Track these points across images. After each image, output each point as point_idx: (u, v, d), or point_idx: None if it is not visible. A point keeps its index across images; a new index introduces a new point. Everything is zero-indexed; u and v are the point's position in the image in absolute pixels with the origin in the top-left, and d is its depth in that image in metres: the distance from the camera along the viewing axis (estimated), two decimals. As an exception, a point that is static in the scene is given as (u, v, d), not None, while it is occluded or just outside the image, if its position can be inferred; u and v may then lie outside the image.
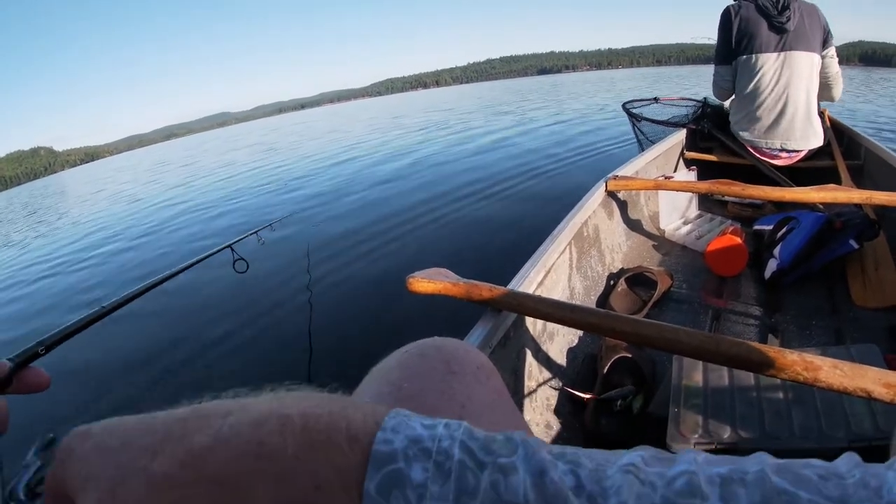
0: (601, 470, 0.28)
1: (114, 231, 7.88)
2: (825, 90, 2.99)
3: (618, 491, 0.26)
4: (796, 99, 2.82)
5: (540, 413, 1.34)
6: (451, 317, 1.70)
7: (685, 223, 2.63)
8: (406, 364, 0.59)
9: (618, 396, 1.37)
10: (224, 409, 0.30)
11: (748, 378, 1.22)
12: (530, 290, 1.43)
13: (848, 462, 0.27)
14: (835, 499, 0.24)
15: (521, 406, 1.27)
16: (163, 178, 16.87)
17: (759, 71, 2.84)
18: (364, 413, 0.30)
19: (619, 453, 0.29)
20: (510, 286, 1.38)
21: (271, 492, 0.27)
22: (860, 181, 2.84)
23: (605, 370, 1.45)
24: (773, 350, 0.94)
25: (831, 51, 2.90)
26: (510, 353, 1.28)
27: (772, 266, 2.04)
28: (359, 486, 0.27)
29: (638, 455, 0.29)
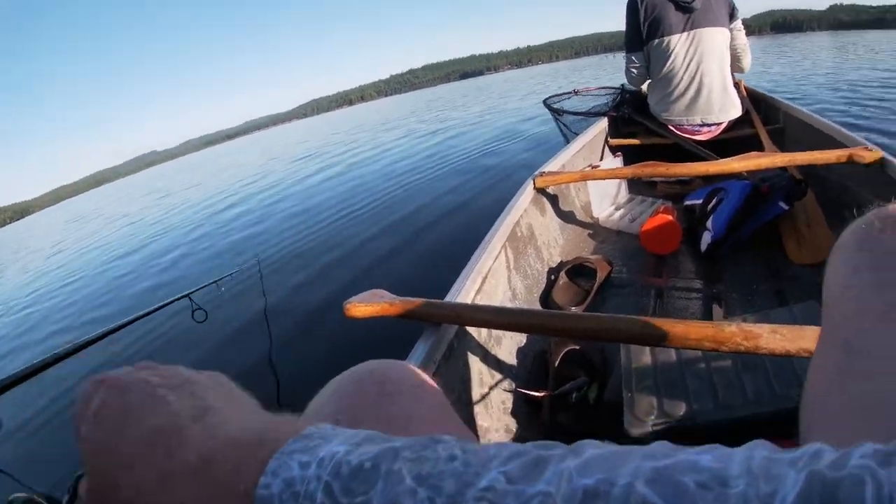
0: (460, 494, 0.26)
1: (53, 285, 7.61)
2: (734, 62, 3.07)
3: None
4: (710, 74, 2.89)
5: (497, 418, 1.32)
6: (394, 337, 1.67)
7: (617, 208, 2.66)
8: (341, 393, 0.58)
9: (572, 389, 1.36)
10: (189, 448, 0.34)
11: (696, 353, 1.22)
12: (469, 299, 1.43)
13: (746, 457, 0.24)
14: None
15: (475, 414, 1.25)
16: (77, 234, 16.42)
17: (671, 53, 2.90)
18: (258, 455, 0.31)
19: (498, 457, 0.28)
20: (448, 297, 1.38)
21: None
22: (782, 144, 2.92)
23: (556, 365, 1.44)
24: (710, 326, 0.94)
25: (738, 23, 2.98)
26: (457, 364, 1.26)
27: (706, 238, 2.07)
28: None
29: (502, 472, 0.26)
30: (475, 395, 1.29)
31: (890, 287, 0.39)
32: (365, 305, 1.22)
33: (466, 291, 1.42)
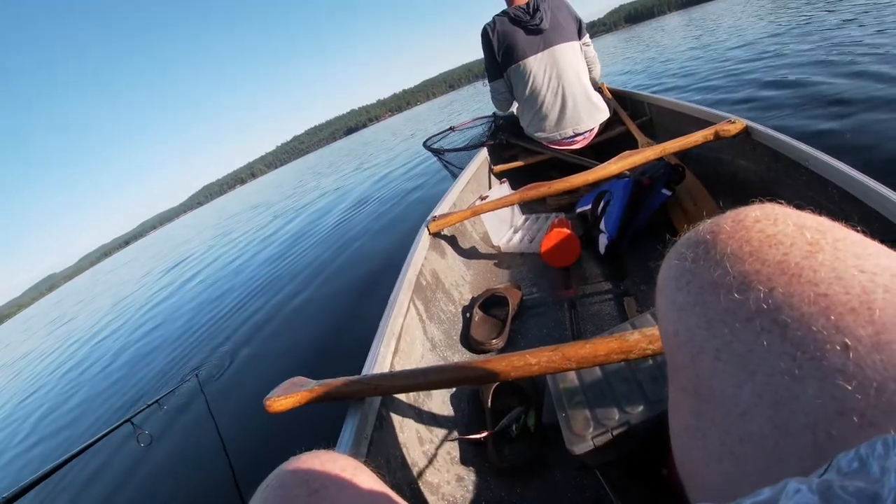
0: None
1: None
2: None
3: None
4: (571, 86, 3.00)
5: (445, 470, 1.31)
6: (324, 419, 1.63)
7: (515, 231, 2.71)
8: (269, 500, 0.56)
9: (510, 422, 1.36)
10: None
11: None
12: (387, 363, 1.42)
13: None
14: None
15: (423, 473, 1.24)
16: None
17: (530, 75, 3.01)
18: None
19: None
20: (367, 367, 1.37)
21: None
22: (654, 134, 3.07)
23: (490, 403, 1.44)
24: (615, 339, 0.98)
25: (586, 38, 3.14)
26: (391, 431, 1.25)
27: (603, 241, 2.14)
28: None
29: None
30: (417, 454, 1.28)
31: (716, 324, 0.39)
32: (285, 398, 1.19)
33: (383, 357, 1.42)
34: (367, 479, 0.62)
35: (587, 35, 3.15)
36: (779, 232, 0.40)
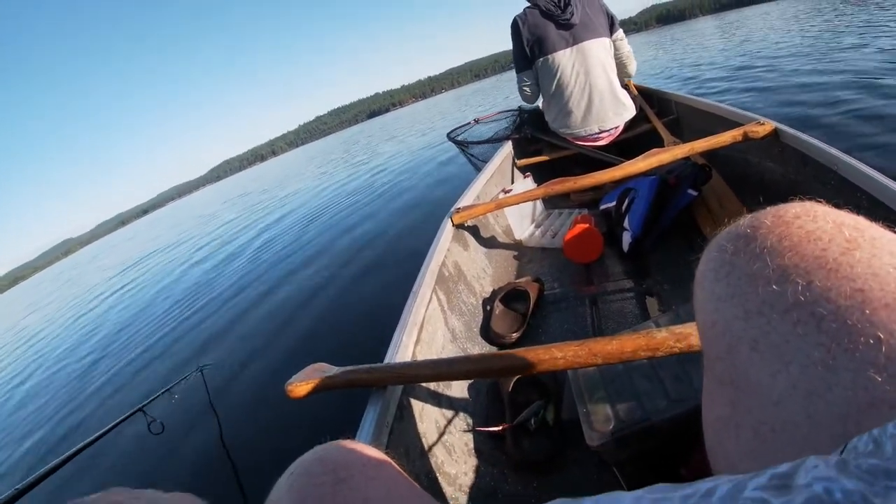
0: None
1: None
2: (622, 69, 3.22)
3: None
4: (598, 83, 2.99)
5: (463, 462, 1.31)
6: (345, 407, 1.63)
7: (537, 226, 2.71)
8: (294, 488, 0.57)
9: (529, 416, 1.36)
10: None
11: None
12: (408, 353, 1.42)
13: (636, 497, 0.26)
14: None
15: (441, 463, 1.24)
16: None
17: (558, 69, 3.00)
18: None
19: None
20: (388, 355, 1.37)
21: None
22: (680, 133, 3.05)
23: (510, 395, 1.44)
24: (642, 336, 0.98)
25: (619, 33, 3.13)
26: (411, 421, 1.25)
27: (627, 238, 2.13)
28: None
29: None
30: (436, 445, 1.28)
31: (754, 315, 0.40)
32: (306, 383, 1.19)
33: (405, 346, 1.41)
34: (392, 470, 0.63)
35: (620, 30, 3.13)
36: (818, 228, 0.40)
